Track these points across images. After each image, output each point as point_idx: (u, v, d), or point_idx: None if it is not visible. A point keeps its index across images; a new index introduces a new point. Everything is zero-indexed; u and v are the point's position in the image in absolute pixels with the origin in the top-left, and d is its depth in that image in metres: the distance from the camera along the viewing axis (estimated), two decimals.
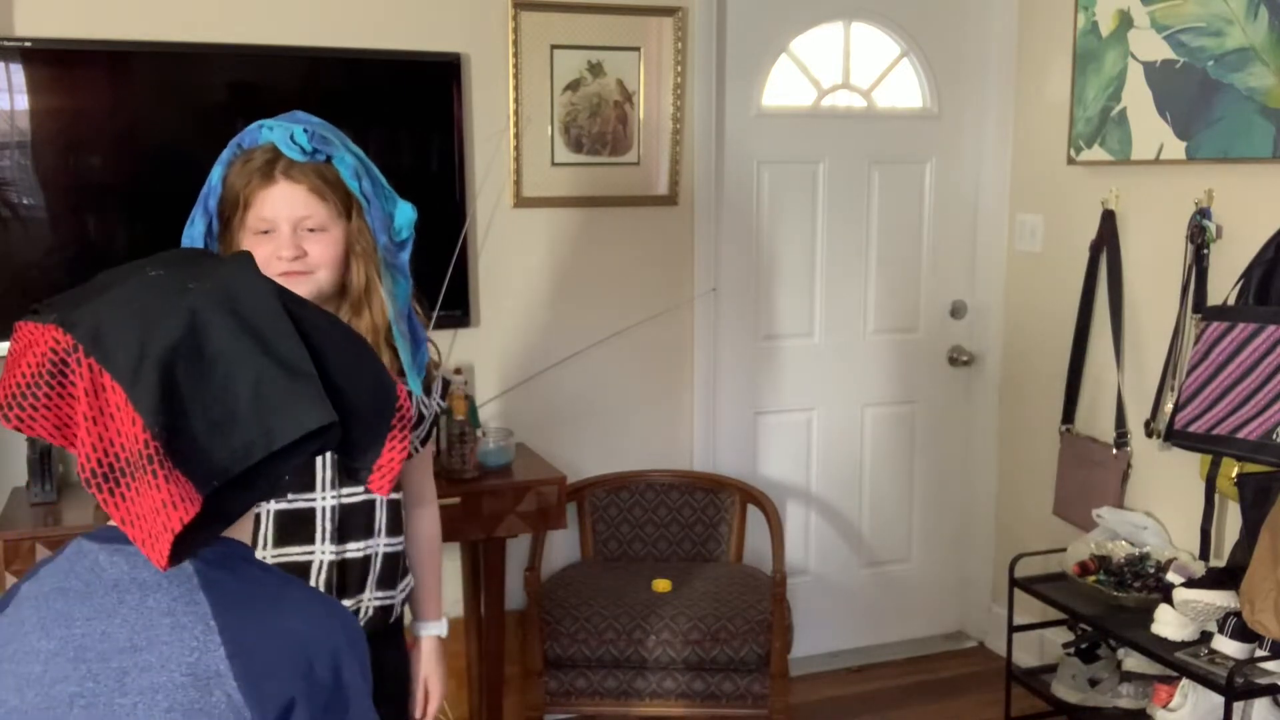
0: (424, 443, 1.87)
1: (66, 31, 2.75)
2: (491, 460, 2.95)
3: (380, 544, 1.76)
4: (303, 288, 1.64)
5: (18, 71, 2.70)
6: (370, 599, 1.75)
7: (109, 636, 0.99)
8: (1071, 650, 3.06)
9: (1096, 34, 3.20)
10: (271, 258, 1.63)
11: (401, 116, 3.06)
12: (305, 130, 1.62)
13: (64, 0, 2.76)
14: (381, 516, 1.75)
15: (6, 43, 2.69)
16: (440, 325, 2.96)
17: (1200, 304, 2.91)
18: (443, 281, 3.00)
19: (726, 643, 2.94)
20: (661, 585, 3.13)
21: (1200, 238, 2.92)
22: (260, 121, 1.64)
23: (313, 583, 1.70)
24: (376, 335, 1.68)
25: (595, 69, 3.24)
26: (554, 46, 3.18)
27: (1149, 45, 3.04)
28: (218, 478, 0.95)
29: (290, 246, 1.62)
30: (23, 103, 2.71)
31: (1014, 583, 3.16)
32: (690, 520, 3.42)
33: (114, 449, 0.94)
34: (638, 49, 3.27)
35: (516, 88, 3.15)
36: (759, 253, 3.54)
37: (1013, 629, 3.22)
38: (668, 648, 2.94)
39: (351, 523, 1.72)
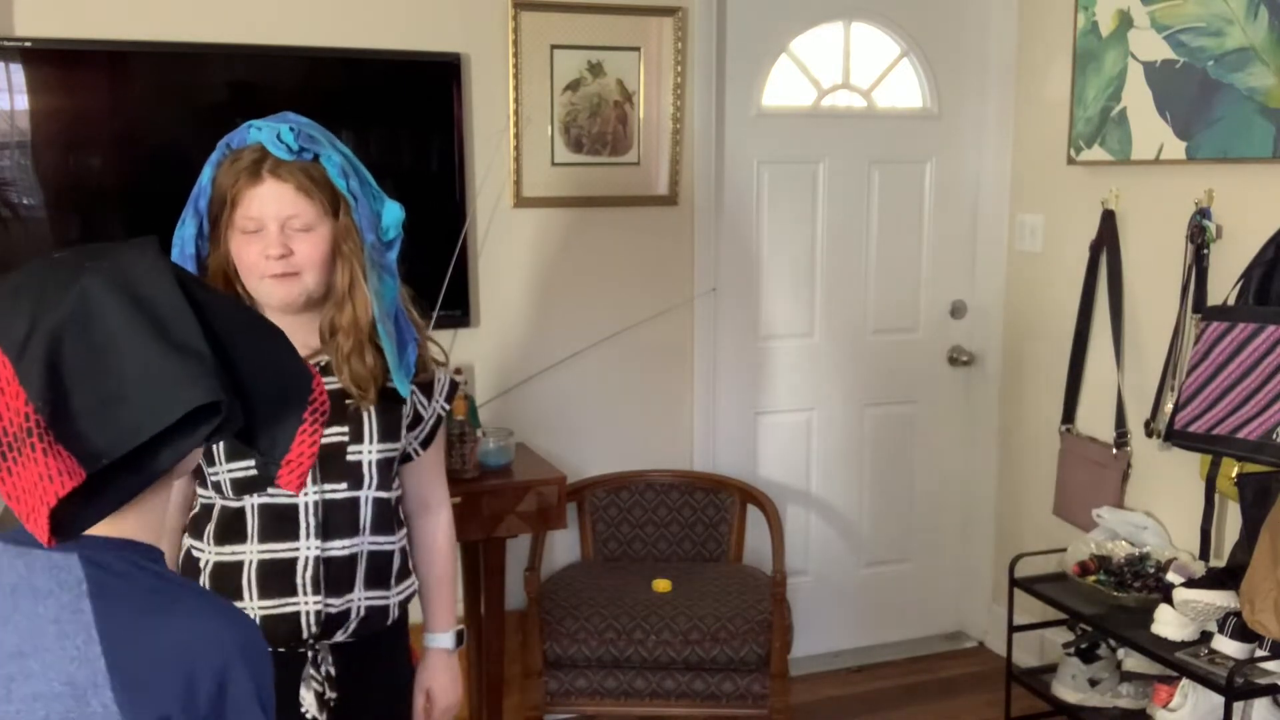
0: (425, 445, 1.83)
1: (66, 31, 2.75)
2: (491, 460, 2.95)
3: (365, 542, 1.73)
4: (292, 293, 1.65)
5: (18, 71, 2.70)
6: (361, 598, 1.73)
7: (0, 643, 0.99)
8: (1071, 650, 3.05)
9: (1096, 34, 3.19)
10: (260, 257, 1.63)
11: (401, 116, 3.07)
12: (292, 129, 1.62)
13: (64, 0, 2.77)
14: (366, 513, 1.72)
15: (6, 43, 2.69)
16: (440, 325, 2.96)
17: (1200, 304, 2.91)
18: (442, 281, 3.00)
19: (726, 643, 2.94)
20: (661, 585, 3.13)
21: (1200, 238, 2.92)
22: (249, 122, 1.65)
23: (299, 579, 1.68)
24: (359, 332, 1.67)
25: (595, 69, 3.24)
26: (554, 46, 3.18)
27: (1149, 45, 3.03)
28: (105, 456, 0.95)
29: (277, 245, 1.63)
30: (23, 103, 2.71)
31: (1014, 583, 3.16)
32: (690, 520, 3.42)
33: (2, 424, 0.94)
34: (638, 49, 3.27)
35: (516, 88, 3.16)
36: (759, 253, 3.54)
37: (1013, 629, 3.22)
38: (668, 648, 2.94)
39: (336, 519, 1.70)
